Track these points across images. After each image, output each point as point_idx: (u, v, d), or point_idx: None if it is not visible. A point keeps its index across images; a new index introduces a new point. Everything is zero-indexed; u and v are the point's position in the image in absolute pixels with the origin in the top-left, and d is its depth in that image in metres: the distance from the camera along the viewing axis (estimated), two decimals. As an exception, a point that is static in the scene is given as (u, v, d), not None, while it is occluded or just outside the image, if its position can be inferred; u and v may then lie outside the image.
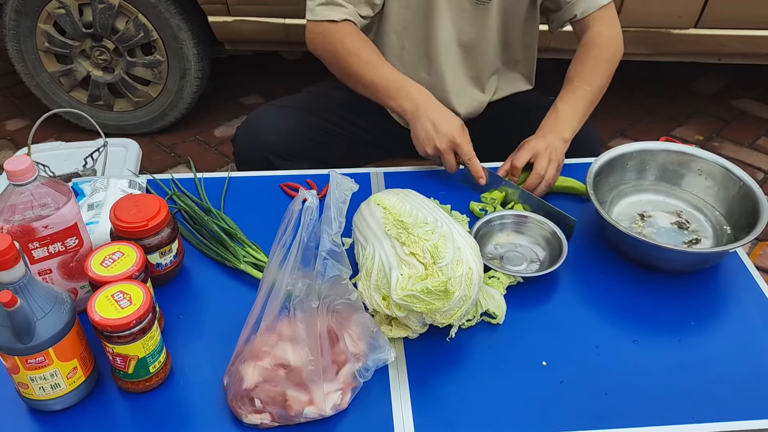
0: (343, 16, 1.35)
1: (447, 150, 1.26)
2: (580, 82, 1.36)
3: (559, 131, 1.31)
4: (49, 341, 0.83)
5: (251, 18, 2.42)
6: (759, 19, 2.30)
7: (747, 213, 1.16)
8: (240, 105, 2.95)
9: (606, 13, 1.42)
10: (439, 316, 0.93)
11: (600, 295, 1.11)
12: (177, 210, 1.23)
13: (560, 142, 1.29)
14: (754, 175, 2.49)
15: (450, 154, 1.27)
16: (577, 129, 1.33)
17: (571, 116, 1.33)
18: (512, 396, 0.93)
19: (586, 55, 1.39)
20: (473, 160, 1.27)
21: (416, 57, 1.48)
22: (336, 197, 0.96)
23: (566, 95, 1.36)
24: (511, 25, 1.47)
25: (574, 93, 1.35)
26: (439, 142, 1.26)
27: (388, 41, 1.46)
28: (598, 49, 1.39)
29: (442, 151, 1.26)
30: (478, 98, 1.54)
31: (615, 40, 1.42)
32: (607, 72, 1.39)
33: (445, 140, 1.26)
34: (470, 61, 1.49)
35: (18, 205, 0.89)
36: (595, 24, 1.41)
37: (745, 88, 3.00)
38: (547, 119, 1.34)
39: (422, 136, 1.28)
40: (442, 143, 1.26)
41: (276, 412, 0.87)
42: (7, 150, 2.69)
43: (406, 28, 1.44)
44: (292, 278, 0.89)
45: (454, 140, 1.26)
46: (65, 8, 2.42)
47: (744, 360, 0.99)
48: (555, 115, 1.33)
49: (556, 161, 1.27)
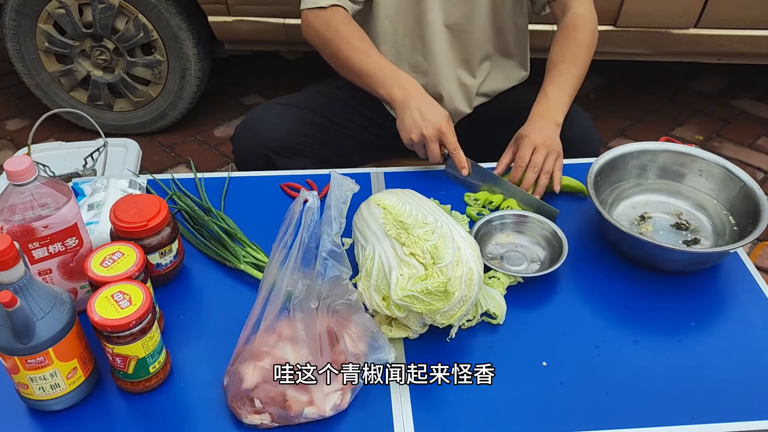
0: (332, 2, 1.37)
1: (433, 138, 1.27)
2: (565, 65, 1.38)
3: (551, 116, 1.33)
4: (49, 341, 0.83)
5: (251, 18, 2.42)
6: (759, 19, 2.30)
7: (747, 213, 1.16)
8: (240, 105, 2.94)
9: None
10: (439, 316, 0.93)
11: (600, 295, 1.11)
12: (177, 210, 1.23)
13: (554, 126, 1.31)
14: (754, 175, 2.49)
15: (435, 143, 1.28)
16: (566, 111, 1.36)
17: (562, 100, 1.35)
18: (512, 396, 0.93)
19: (568, 37, 1.42)
20: (458, 150, 1.29)
21: (410, 41, 1.48)
22: (337, 198, 0.96)
23: (554, 79, 1.38)
24: (501, 8, 1.48)
25: (562, 77, 1.37)
26: (426, 129, 1.27)
27: (381, 26, 1.47)
28: (580, 31, 1.42)
29: (428, 138, 1.27)
30: (468, 82, 1.54)
31: (593, 22, 1.45)
32: (589, 54, 1.42)
33: (432, 128, 1.27)
34: (459, 44, 1.50)
35: (18, 205, 0.88)
36: (575, 5, 1.44)
37: (745, 88, 3.00)
38: (538, 105, 1.36)
39: (409, 123, 1.28)
40: (428, 131, 1.27)
41: (276, 412, 0.87)
42: (7, 150, 2.68)
43: (398, 10, 1.45)
44: (292, 279, 0.89)
45: (441, 129, 1.27)
46: (65, 8, 2.42)
47: (744, 360, 0.99)
48: (546, 101, 1.35)
49: (555, 152, 1.28)
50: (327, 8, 1.38)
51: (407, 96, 1.29)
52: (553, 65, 1.40)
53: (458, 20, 1.46)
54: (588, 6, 1.46)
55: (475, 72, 1.55)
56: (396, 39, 1.48)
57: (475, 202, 1.27)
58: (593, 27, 1.44)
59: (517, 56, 1.60)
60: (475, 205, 1.27)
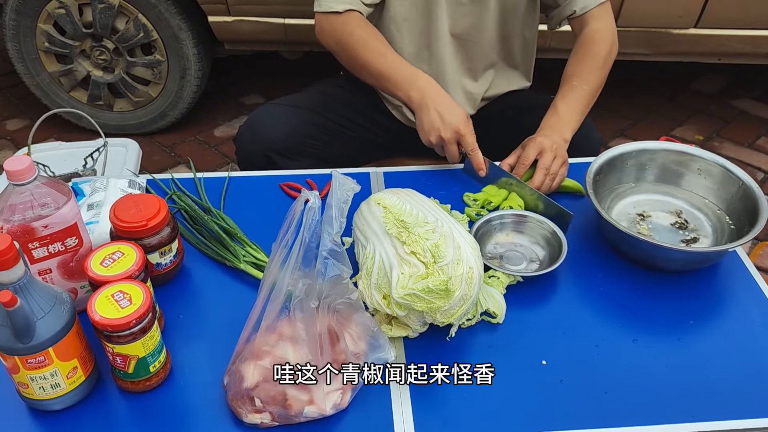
0: (347, 6, 1.37)
1: (451, 140, 1.27)
2: (579, 81, 1.37)
3: (560, 131, 1.32)
4: (49, 341, 0.83)
5: (251, 18, 2.42)
6: (759, 19, 2.30)
7: (747, 213, 1.16)
8: (240, 105, 2.95)
9: (603, 10, 1.44)
10: (440, 315, 0.93)
11: (600, 295, 1.11)
12: (177, 210, 1.23)
13: (561, 141, 1.31)
14: (754, 175, 2.49)
15: (453, 145, 1.28)
16: (576, 128, 1.35)
17: (571, 116, 1.34)
18: (512, 395, 0.93)
19: (584, 53, 1.41)
20: (476, 151, 1.28)
21: (415, 48, 1.48)
22: (338, 197, 0.96)
23: (566, 94, 1.37)
24: (510, 19, 1.47)
25: (574, 92, 1.36)
26: (444, 132, 1.27)
27: (389, 33, 1.47)
28: (596, 46, 1.41)
29: (447, 141, 1.27)
30: (471, 89, 1.54)
31: (611, 38, 1.43)
32: (604, 70, 1.41)
33: (450, 130, 1.27)
34: (465, 52, 1.49)
35: (18, 205, 0.89)
36: (593, 21, 1.42)
37: (745, 88, 3.00)
38: (548, 118, 1.35)
39: (427, 126, 1.28)
40: (446, 133, 1.27)
41: (276, 411, 0.87)
42: (7, 150, 2.69)
43: (406, 19, 1.45)
44: (293, 278, 0.89)
45: (459, 131, 1.27)
46: (65, 8, 2.42)
47: (743, 359, 0.99)
48: (556, 115, 1.34)
49: (562, 157, 1.28)
50: (342, 13, 1.37)
51: (424, 97, 1.29)
52: (566, 80, 1.39)
53: (466, 30, 1.46)
54: (606, 21, 1.44)
55: (479, 79, 1.54)
56: (401, 47, 1.47)
57: (474, 203, 1.27)
58: (611, 42, 1.42)
59: (522, 66, 1.59)
60: (474, 205, 1.27)
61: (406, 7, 1.43)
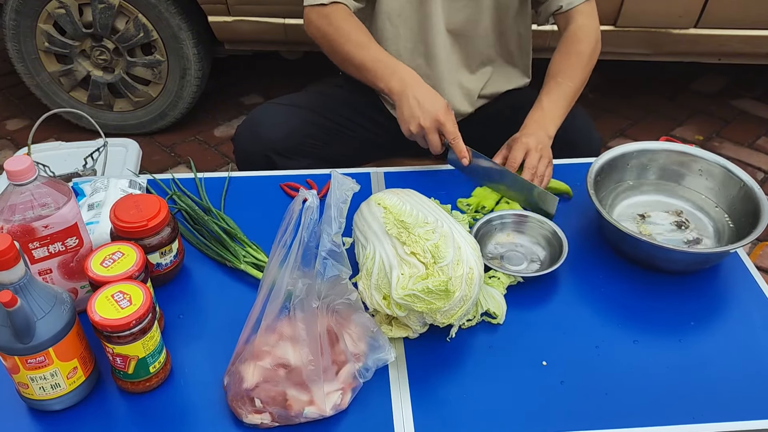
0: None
1: (431, 129, 1.26)
2: (563, 78, 1.39)
3: (544, 127, 1.33)
4: (49, 341, 0.83)
5: (251, 18, 2.42)
6: (759, 19, 2.30)
7: (747, 213, 1.16)
8: (240, 105, 2.94)
9: (589, 7, 1.45)
10: (440, 315, 0.93)
11: (600, 295, 1.11)
12: (177, 210, 1.23)
13: (546, 138, 1.32)
14: (754, 175, 2.49)
15: (434, 134, 1.26)
16: (560, 124, 1.36)
17: (555, 112, 1.36)
18: (512, 396, 0.93)
19: (569, 51, 1.42)
20: (457, 139, 1.27)
21: (411, 44, 1.48)
22: (337, 197, 0.96)
23: (551, 91, 1.38)
24: (504, 15, 1.48)
25: (559, 89, 1.38)
26: (423, 120, 1.25)
27: (383, 28, 1.47)
28: (581, 44, 1.42)
29: (427, 129, 1.26)
30: (469, 85, 1.54)
31: (595, 35, 1.45)
32: (588, 67, 1.42)
33: (430, 118, 1.25)
34: (461, 48, 1.49)
35: (18, 205, 0.88)
36: (579, 17, 1.44)
37: (745, 88, 3.00)
38: (532, 115, 1.36)
39: (407, 114, 1.27)
40: (426, 121, 1.25)
41: (276, 412, 0.87)
42: (7, 150, 2.68)
43: (400, 14, 1.45)
44: (292, 278, 0.89)
45: (439, 119, 1.25)
46: (65, 8, 2.42)
47: (744, 360, 0.99)
48: (541, 111, 1.35)
49: (547, 157, 1.28)
50: (328, 5, 1.38)
51: (404, 87, 1.28)
52: (551, 77, 1.40)
53: (461, 25, 1.46)
54: (591, 18, 1.45)
55: (476, 75, 1.54)
56: (397, 42, 1.48)
57: (468, 207, 1.27)
58: (595, 39, 1.44)
59: (520, 63, 1.60)
60: (468, 210, 1.26)
61: (399, 2, 1.43)
